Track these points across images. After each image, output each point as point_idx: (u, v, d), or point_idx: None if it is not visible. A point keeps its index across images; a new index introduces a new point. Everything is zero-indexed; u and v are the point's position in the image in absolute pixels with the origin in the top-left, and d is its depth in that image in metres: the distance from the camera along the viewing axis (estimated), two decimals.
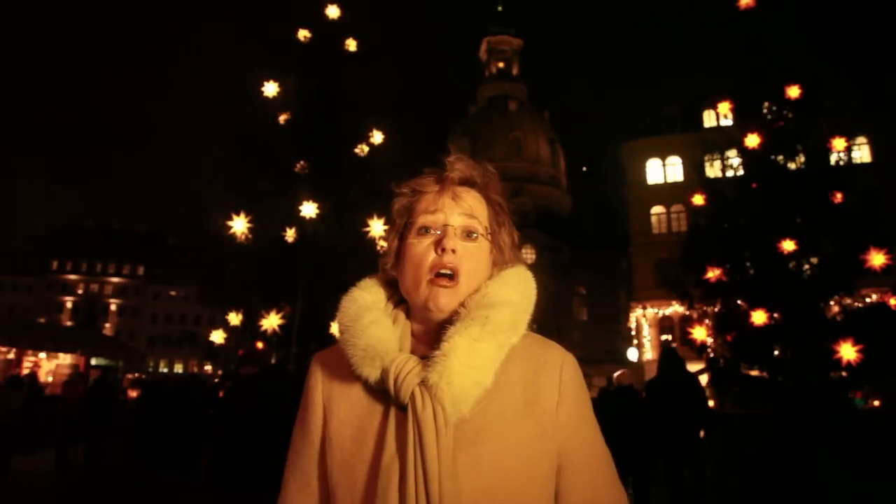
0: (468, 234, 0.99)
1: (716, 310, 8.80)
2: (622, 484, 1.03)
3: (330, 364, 1.03)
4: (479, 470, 0.88)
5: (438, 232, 0.98)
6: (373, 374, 0.94)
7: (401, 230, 1.03)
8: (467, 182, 1.03)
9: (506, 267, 1.03)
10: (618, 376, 7.16)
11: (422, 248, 0.98)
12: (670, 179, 31.76)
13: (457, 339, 0.91)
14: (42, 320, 48.46)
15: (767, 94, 9.05)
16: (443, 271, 0.95)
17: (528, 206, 51.66)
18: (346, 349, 0.97)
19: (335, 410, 0.99)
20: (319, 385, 1.03)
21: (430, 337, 0.98)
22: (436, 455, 0.86)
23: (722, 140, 9.59)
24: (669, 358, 6.36)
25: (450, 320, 0.95)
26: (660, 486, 6.38)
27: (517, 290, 0.99)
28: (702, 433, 6.68)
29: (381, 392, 0.94)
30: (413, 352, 0.98)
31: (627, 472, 5.85)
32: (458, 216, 0.99)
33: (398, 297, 1.04)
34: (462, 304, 0.96)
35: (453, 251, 0.96)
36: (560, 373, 0.98)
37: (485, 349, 0.91)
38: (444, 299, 0.95)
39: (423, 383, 0.89)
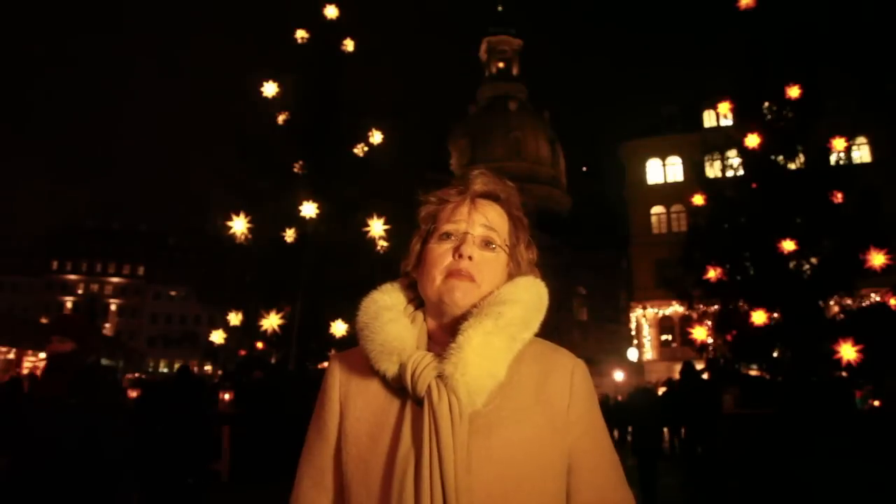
0: (486, 243, 1.03)
1: (716, 310, 8.80)
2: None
3: (348, 363, 1.06)
4: (492, 461, 0.91)
5: (458, 238, 1.02)
6: (390, 369, 0.97)
7: (424, 235, 1.08)
8: (490, 196, 1.08)
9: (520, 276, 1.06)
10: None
11: (441, 251, 1.02)
12: (670, 179, 31.72)
13: (470, 332, 0.94)
14: (42, 320, 48.46)
15: (767, 94, 9.05)
16: (458, 275, 1.00)
17: (528, 206, 50.93)
18: (365, 344, 1.00)
19: (352, 407, 1.02)
20: (337, 384, 1.05)
21: (445, 336, 1.00)
22: (451, 445, 0.89)
23: (722, 140, 9.59)
24: (690, 371, 7.52)
25: (464, 318, 0.98)
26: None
27: (528, 290, 1.02)
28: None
29: (398, 389, 0.98)
30: (429, 350, 1.01)
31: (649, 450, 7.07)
32: (479, 226, 1.03)
33: (418, 301, 1.07)
34: (475, 305, 0.99)
35: (470, 258, 1.00)
36: (571, 376, 1.01)
37: (498, 342, 0.95)
38: (459, 293, 0.99)
39: (440, 376, 0.93)
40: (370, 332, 1.00)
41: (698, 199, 9.36)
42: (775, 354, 8.27)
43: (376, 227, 8.49)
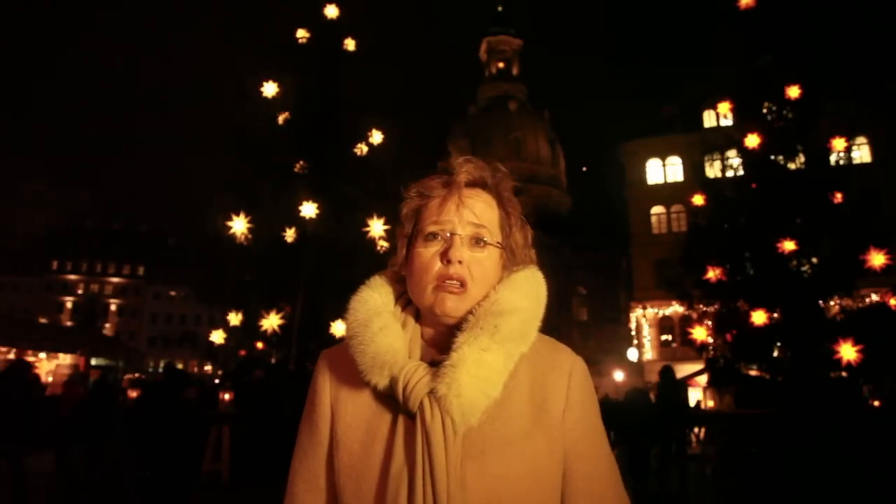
0: (476, 241, 0.97)
1: (716, 310, 8.80)
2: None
3: (338, 364, 1.02)
4: (486, 479, 0.88)
5: (446, 240, 0.96)
6: (381, 382, 0.93)
7: (409, 235, 1.01)
8: (477, 184, 1.01)
9: (517, 269, 1.01)
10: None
11: (428, 257, 0.96)
12: (670, 179, 31.71)
13: (465, 349, 0.90)
14: (42, 320, 48.42)
15: (767, 94, 9.05)
16: (448, 281, 0.94)
17: (528, 206, 51.18)
18: (355, 355, 0.95)
19: (343, 412, 0.98)
20: (327, 385, 1.01)
21: (439, 341, 0.97)
22: (444, 465, 0.86)
23: (722, 140, 9.59)
24: (668, 375, 8.42)
25: (459, 325, 0.93)
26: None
27: (527, 295, 0.97)
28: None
29: (390, 397, 0.94)
30: (423, 356, 0.97)
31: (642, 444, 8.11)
32: (466, 224, 0.96)
33: (408, 297, 1.02)
34: (471, 312, 0.94)
35: (460, 262, 0.94)
36: (569, 378, 0.97)
37: (493, 360, 0.90)
38: (451, 304, 0.94)
39: (432, 394, 0.89)
40: (360, 342, 0.95)
41: (698, 199, 9.36)
42: (775, 354, 8.27)
43: (376, 227, 8.49)
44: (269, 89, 9.50)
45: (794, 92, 8.70)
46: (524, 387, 0.95)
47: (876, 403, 9.21)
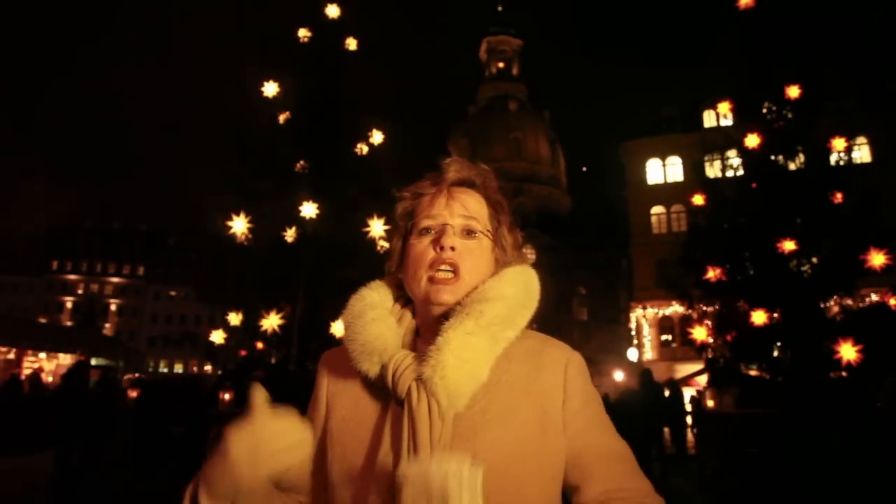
0: (468, 232, 1.01)
1: (716, 310, 8.80)
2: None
3: (335, 362, 1.06)
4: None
5: (438, 230, 1.00)
6: (372, 370, 0.96)
7: (403, 233, 1.06)
8: (465, 183, 1.05)
9: (508, 266, 1.04)
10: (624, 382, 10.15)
11: (422, 247, 1.00)
12: (670, 179, 31.71)
13: (450, 333, 0.92)
14: (42, 320, 48.47)
15: (767, 94, 9.04)
16: (442, 267, 0.98)
17: (528, 206, 51.68)
18: (347, 344, 0.99)
19: (338, 406, 1.02)
20: (325, 383, 1.07)
21: (432, 333, 0.98)
22: (429, 449, 0.87)
23: (722, 140, 9.59)
24: (646, 378, 9.16)
25: (448, 316, 0.96)
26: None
27: (513, 284, 0.99)
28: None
29: (382, 388, 0.96)
30: (416, 348, 1.00)
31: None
32: (457, 216, 1.01)
33: (406, 298, 1.06)
34: (459, 302, 0.97)
35: (452, 248, 0.98)
36: (564, 371, 0.98)
37: (478, 343, 0.91)
38: (445, 294, 0.97)
39: (419, 378, 0.91)
40: (352, 331, 0.99)
41: (698, 199, 9.36)
42: (775, 354, 8.27)
43: (376, 227, 8.48)
44: (270, 89, 9.49)
45: (794, 92, 8.69)
46: (519, 380, 0.96)
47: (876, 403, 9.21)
